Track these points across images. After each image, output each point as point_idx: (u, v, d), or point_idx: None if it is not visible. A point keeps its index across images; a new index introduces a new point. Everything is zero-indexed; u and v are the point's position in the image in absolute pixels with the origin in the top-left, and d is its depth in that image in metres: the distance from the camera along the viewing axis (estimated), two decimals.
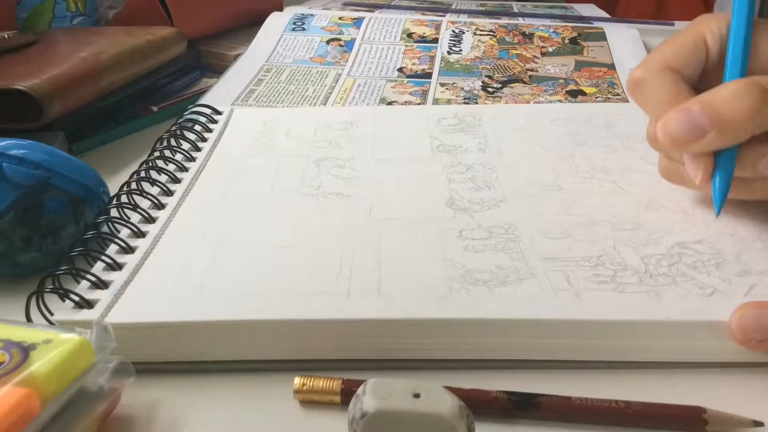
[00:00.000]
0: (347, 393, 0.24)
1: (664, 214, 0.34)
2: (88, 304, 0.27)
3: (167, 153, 0.40)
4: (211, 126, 0.44)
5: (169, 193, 0.36)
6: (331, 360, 0.27)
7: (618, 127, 0.44)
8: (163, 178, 0.37)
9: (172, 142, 0.41)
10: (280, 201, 0.36)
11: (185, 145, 0.41)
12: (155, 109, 0.54)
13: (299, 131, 0.44)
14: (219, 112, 0.47)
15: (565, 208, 0.34)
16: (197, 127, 0.43)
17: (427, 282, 0.28)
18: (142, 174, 0.37)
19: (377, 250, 0.31)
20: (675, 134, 0.29)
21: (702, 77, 0.32)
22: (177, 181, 0.38)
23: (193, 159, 0.40)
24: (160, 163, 0.38)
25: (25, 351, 0.22)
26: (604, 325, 0.26)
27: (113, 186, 0.37)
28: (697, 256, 0.30)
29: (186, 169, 0.39)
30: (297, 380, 0.25)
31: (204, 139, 0.43)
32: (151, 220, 0.33)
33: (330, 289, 0.28)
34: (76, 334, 0.23)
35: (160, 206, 0.35)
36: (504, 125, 0.44)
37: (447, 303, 0.27)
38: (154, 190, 0.36)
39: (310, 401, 0.25)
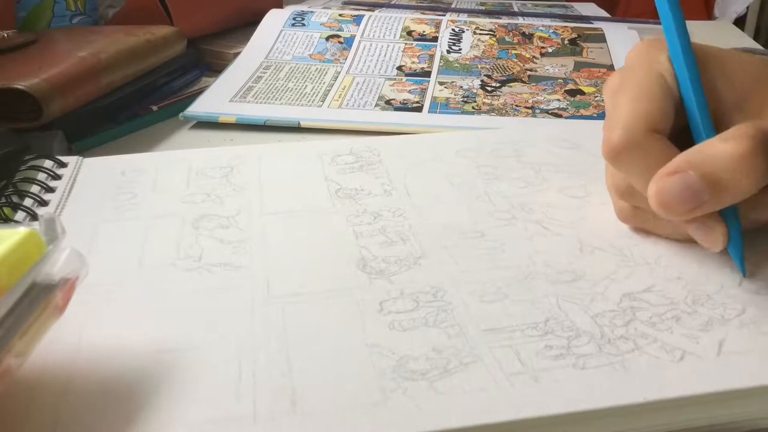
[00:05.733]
0: None
1: (600, 258, 0.30)
2: None
3: None
4: (52, 184, 0.36)
5: None
6: None
7: (527, 155, 0.40)
8: None
9: (4, 212, 0.32)
10: (152, 282, 0.28)
11: (20, 215, 0.32)
12: (155, 108, 0.53)
13: (168, 182, 0.37)
14: (63, 164, 0.38)
15: (493, 259, 0.30)
16: (34, 188, 0.35)
17: (353, 382, 0.23)
18: None
19: (284, 340, 0.25)
20: (670, 203, 0.26)
21: None
22: None
23: None
24: None
25: None
26: (574, 418, 0.22)
27: None
28: (651, 309, 0.26)
29: None
30: None
31: (44, 203, 0.34)
32: None
33: (230, 412, 0.21)
34: (23, 227, 0.22)
35: None
36: (406, 160, 0.39)
37: (382, 413, 0.21)
38: None
39: None
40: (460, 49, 0.62)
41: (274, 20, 0.67)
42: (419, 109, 0.52)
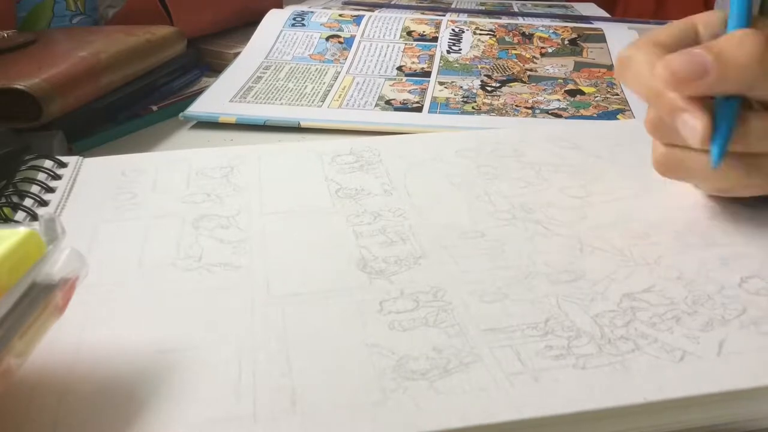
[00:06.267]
0: None
1: (600, 258, 0.30)
2: None
3: None
4: (52, 184, 0.36)
5: None
6: None
7: (527, 155, 0.40)
8: None
9: (4, 212, 0.32)
10: (152, 282, 0.28)
11: (20, 215, 0.32)
12: (155, 108, 0.53)
13: (168, 182, 0.37)
14: (63, 164, 0.38)
15: (493, 259, 0.30)
16: (34, 188, 0.35)
17: (354, 382, 0.23)
18: None
19: (283, 340, 0.25)
20: (677, 70, 0.28)
21: None
22: None
23: None
24: None
25: None
26: (574, 418, 0.22)
27: None
28: (651, 310, 0.26)
29: None
30: None
31: (44, 203, 0.34)
32: None
33: (230, 412, 0.21)
34: (23, 227, 0.22)
35: None
36: (406, 160, 0.39)
37: (382, 413, 0.21)
38: None
39: None
40: (460, 49, 0.62)
41: (274, 20, 0.67)
42: (419, 109, 0.52)
